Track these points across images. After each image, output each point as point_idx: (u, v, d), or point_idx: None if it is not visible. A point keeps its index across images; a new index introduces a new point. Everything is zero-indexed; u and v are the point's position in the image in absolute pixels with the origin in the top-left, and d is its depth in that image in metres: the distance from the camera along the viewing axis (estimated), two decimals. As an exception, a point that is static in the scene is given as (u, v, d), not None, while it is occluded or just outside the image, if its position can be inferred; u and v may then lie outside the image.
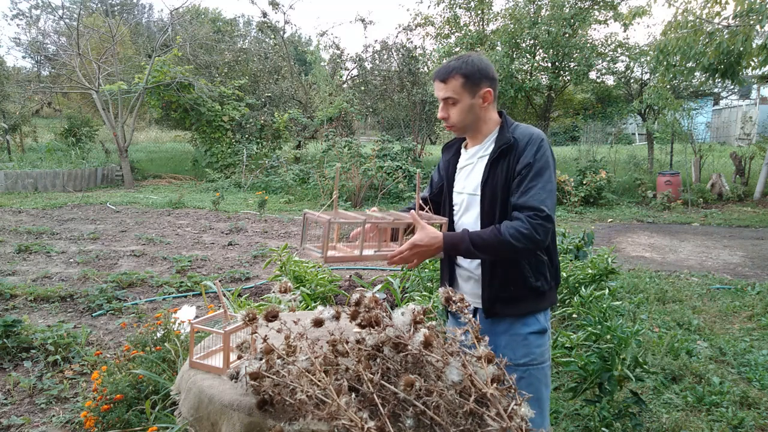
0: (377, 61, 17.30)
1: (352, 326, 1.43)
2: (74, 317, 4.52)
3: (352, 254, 1.78)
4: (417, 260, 1.75)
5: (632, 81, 14.60)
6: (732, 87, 15.96)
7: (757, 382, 3.34)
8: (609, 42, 13.54)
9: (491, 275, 1.83)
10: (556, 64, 13.43)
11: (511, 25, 13.20)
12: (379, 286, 4.03)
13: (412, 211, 1.86)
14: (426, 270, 3.76)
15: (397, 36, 17.76)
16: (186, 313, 3.50)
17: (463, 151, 1.96)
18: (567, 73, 13.64)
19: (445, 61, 1.86)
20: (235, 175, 13.81)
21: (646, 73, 14.20)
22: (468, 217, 1.88)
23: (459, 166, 1.95)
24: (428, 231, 1.73)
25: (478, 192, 1.83)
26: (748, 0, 7.68)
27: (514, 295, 1.81)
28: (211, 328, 1.75)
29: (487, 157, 1.82)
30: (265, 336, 1.40)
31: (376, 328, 1.37)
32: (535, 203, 1.68)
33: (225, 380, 1.55)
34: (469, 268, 1.90)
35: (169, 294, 5.08)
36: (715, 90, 16.87)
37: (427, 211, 1.90)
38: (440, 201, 2.04)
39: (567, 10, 12.64)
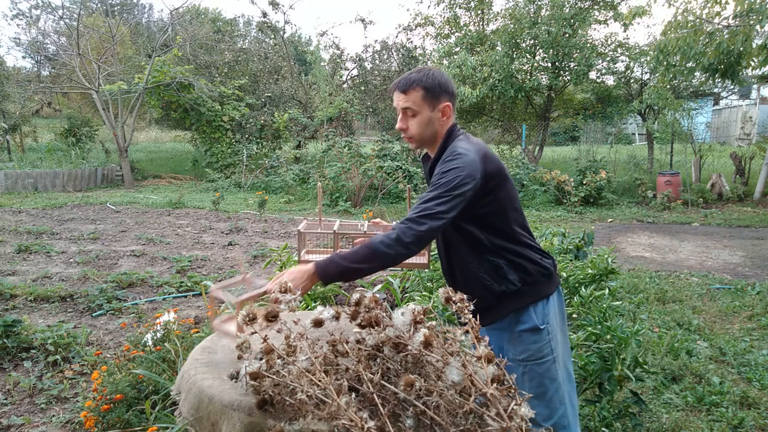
0: (377, 61, 17.32)
1: (352, 326, 1.43)
2: (74, 317, 4.52)
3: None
4: (295, 286, 1.59)
5: (632, 81, 14.59)
6: (732, 87, 15.96)
7: (757, 382, 3.34)
8: (609, 42, 13.53)
9: (454, 288, 1.85)
10: (556, 64, 13.43)
11: (511, 25, 13.19)
12: (379, 286, 4.03)
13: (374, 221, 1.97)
14: (426, 270, 3.76)
15: (397, 36, 17.79)
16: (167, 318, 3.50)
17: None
18: (567, 73, 13.63)
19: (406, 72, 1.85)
20: (235, 175, 13.81)
21: (646, 73, 14.20)
22: None
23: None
24: (304, 264, 1.68)
25: None
26: (748, 0, 7.68)
27: (483, 305, 1.77)
28: (227, 295, 1.77)
29: None
30: (265, 336, 1.40)
31: (376, 328, 1.37)
32: (412, 212, 1.66)
33: (225, 380, 1.55)
34: None
35: (169, 294, 5.08)
36: (715, 90, 16.87)
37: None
38: None
39: (567, 10, 12.63)
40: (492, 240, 1.79)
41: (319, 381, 1.24)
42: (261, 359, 1.38)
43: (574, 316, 3.22)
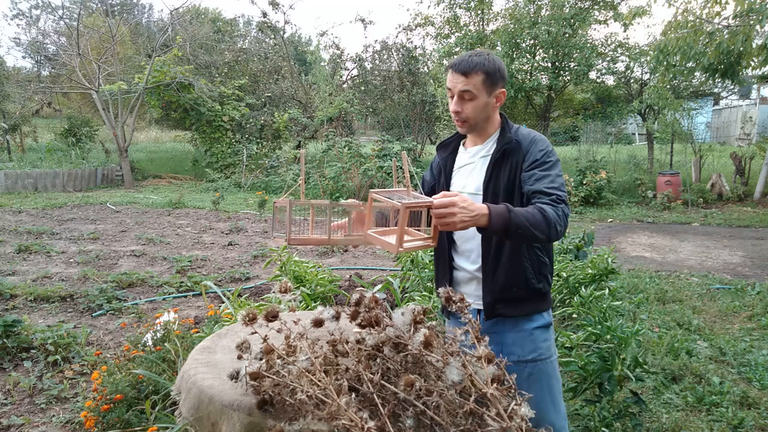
0: (377, 61, 17.31)
1: (352, 326, 1.43)
2: (74, 317, 4.52)
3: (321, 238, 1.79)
4: (458, 219, 1.50)
5: (632, 81, 14.60)
6: (732, 87, 15.95)
7: (757, 382, 3.34)
8: (609, 42, 13.55)
9: (493, 277, 1.82)
10: (556, 64, 13.43)
11: (511, 25, 13.20)
12: (379, 286, 4.03)
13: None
14: (426, 270, 3.76)
15: (397, 36, 17.80)
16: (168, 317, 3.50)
17: (461, 149, 1.94)
18: (567, 73, 13.64)
19: (463, 53, 1.83)
20: (235, 175, 13.82)
21: (646, 73, 14.21)
22: None
23: (457, 165, 1.92)
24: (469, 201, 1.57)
25: (480, 192, 1.81)
26: (748, 0, 7.68)
27: (516, 296, 1.80)
28: (388, 199, 1.59)
29: (490, 157, 1.81)
30: (265, 336, 1.40)
31: (376, 328, 1.37)
32: (554, 190, 1.66)
33: (225, 380, 1.55)
34: (469, 269, 1.88)
35: (169, 294, 5.08)
36: (715, 90, 16.86)
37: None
38: None
39: (567, 10, 12.64)
40: None
41: (319, 381, 1.24)
42: (261, 359, 1.38)
43: (574, 316, 3.22)
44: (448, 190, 1.91)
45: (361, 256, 6.84)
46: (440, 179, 1.96)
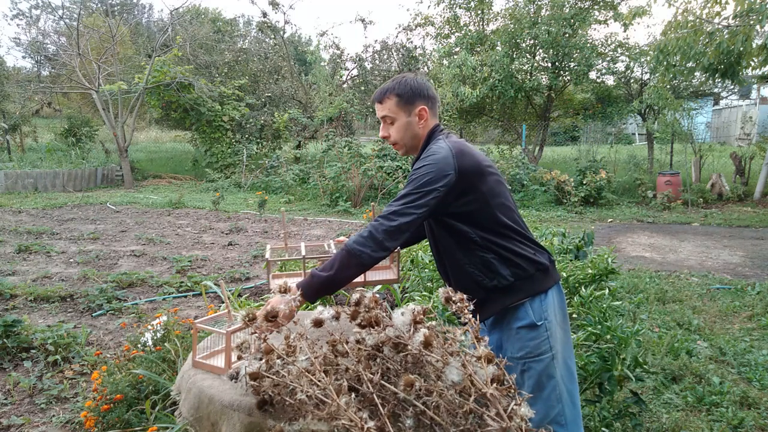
0: (377, 61, 17.32)
1: (352, 326, 1.43)
2: (74, 317, 4.52)
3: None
4: (282, 314, 1.58)
5: (632, 81, 14.58)
6: (732, 87, 15.95)
7: (757, 382, 3.34)
8: (609, 42, 13.53)
9: (451, 284, 1.88)
10: (556, 64, 13.42)
11: (511, 25, 13.18)
12: (379, 287, 4.03)
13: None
14: (426, 270, 3.76)
15: (397, 36, 17.80)
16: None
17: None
18: (567, 73, 13.62)
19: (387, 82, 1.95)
20: (235, 175, 13.82)
21: (646, 73, 14.19)
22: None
23: None
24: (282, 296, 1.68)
25: None
26: (748, 0, 7.68)
27: (478, 299, 1.75)
28: (212, 328, 1.75)
29: None
30: (265, 336, 1.40)
31: (376, 328, 1.38)
32: (389, 207, 1.71)
33: (225, 380, 1.55)
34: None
35: (169, 294, 5.08)
36: (715, 90, 16.85)
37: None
38: None
39: (567, 10, 12.63)
40: (480, 234, 1.80)
41: (319, 381, 1.24)
42: (261, 359, 1.38)
43: (574, 316, 3.22)
44: None
45: (361, 256, 6.84)
46: None
